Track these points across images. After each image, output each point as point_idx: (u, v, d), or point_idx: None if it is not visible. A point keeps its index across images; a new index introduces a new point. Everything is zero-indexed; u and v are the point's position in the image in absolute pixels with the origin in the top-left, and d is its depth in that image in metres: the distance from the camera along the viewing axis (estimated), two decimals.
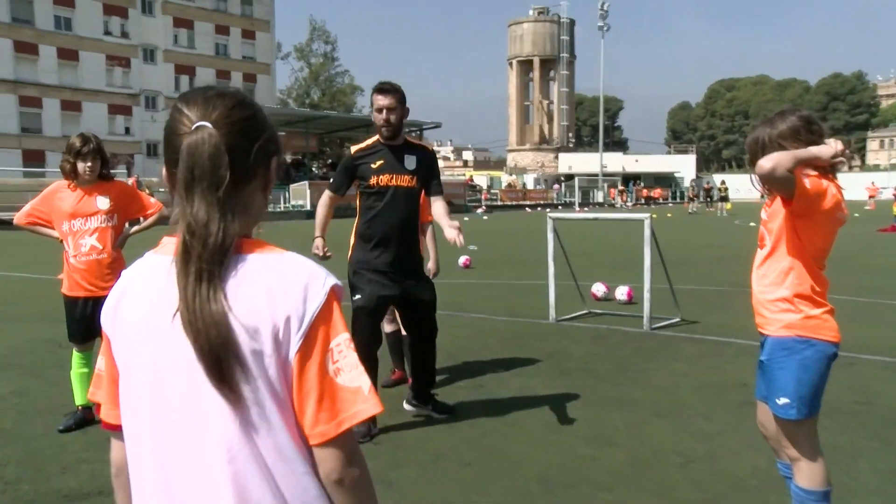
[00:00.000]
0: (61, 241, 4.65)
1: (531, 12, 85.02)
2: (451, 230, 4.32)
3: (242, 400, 1.18)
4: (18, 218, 4.72)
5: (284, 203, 39.82)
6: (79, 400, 4.76)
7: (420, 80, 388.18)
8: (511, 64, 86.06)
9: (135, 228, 4.97)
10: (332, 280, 1.23)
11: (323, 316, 1.20)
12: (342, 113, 57.25)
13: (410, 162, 4.65)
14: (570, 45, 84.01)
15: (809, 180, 2.71)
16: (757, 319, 2.97)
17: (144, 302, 1.25)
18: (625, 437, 4.57)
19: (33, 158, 45.45)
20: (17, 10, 48.26)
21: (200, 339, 1.16)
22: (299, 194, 38.83)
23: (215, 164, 1.19)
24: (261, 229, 1.32)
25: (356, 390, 1.20)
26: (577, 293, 9.23)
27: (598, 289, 10.03)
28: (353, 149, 4.72)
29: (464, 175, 72.46)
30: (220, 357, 1.15)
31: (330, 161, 48.72)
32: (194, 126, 1.21)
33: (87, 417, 4.71)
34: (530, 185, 68.21)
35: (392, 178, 4.60)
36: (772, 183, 2.70)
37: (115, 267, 4.63)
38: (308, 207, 36.01)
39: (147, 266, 1.29)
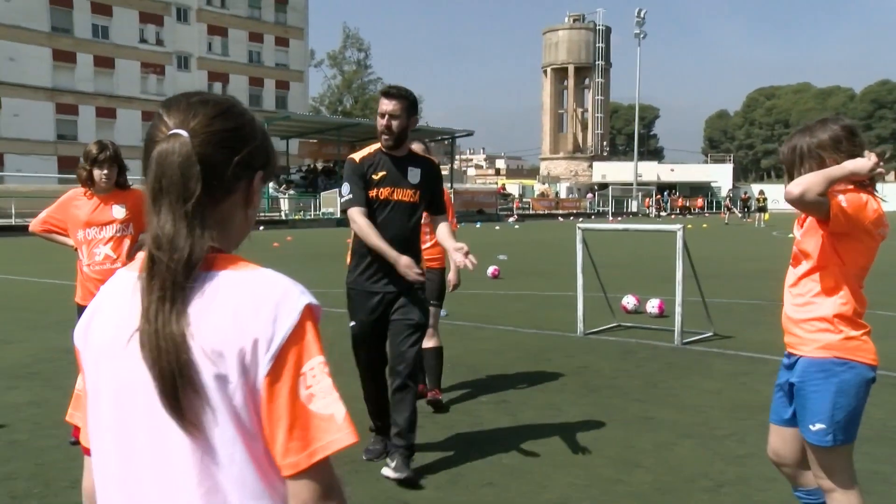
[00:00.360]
0: (76, 249, 4.58)
1: (566, 20, 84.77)
2: (457, 254, 3.95)
3: (202, 430, 1.09)
4: (33, 225, 4.67)
5: (315, 211, 39.99)
6: None
7: (453, 88, 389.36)
8: (545, 72, 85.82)
9: None
10: (306, 298, 1.13)
11: (295, 338, 1.10)
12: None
13: (414, 175, 4.26)
14: (605, 52, 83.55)
15: (846, 197, 2.53)
16: (787, 339, 2.78)
17: (112, 321, 1.18)
18: (652, 460, 4.37)
19: (69, 165, 46.21)
20: (56, 20, 49.25)
21: (158, 362, 1.08)
22: (329, 202, 38.96)
23: (184, 175, 1.12)
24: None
25: (329, 418, 1.09)
26: (606, 306, 9.01)
27: (629, 301, 9.80)
28: (358, 156, 4.32)
29: (496, 183, 72.28)
30: (176, 383, 1.07)
31: None
32: (169, 133, 1.15)
33: None
34: (563, 194, 67.84)
35: (393, 191, 4.21)
36: (803, 207, 2.54)
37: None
38: (339, 215, 36.11)
39: (118, 282, 1.22)
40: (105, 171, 4.45)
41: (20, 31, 47.17)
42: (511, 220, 46.25)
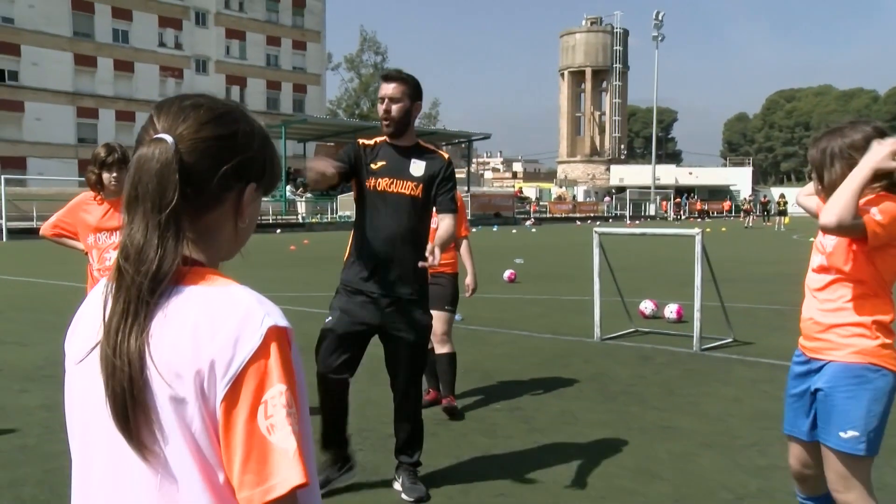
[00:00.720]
0: (86, 253, 4.54)
1: (584, 23, 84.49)
2: (430, 248, 3.57)
3: (155, 456, 1.03)
4: (44, 229, 4.63)
5: (332, 214, 40.07)
6: None
7: (470, 91, 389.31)
8: (562, 75, 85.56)
9: None
10: (271, 320, 1.04)
11: (256, 362, 1.01)
12: None
13: (417, 168, 3.85)
14: (623, 55, 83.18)
15: (879, 209, 2.44)
16: (810, 344, 2.68)
17: (84, 331, 1.13)
18: (670, 470, 4.26)
19: None
20: (78, 25, 49.74)
21: (112, 380, 1.02)
22: (346, 205, 39.00)
23: (161, 183, 1.06)
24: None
25: (284, 452, 1.00)
26: (623, 310, 8.88)
27: (646, 306, 9.66)
28: (361, 140, 3.96)
29: (513, 187, 72.08)
30: (127, 403, 1.02)
31: None
32: (153, 138, 1.09)
33: None
34: (580, 198, 67.50)
35: (392, 182, 3.80)
36: (843, 234, 2.48)
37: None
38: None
39: (98, 290, 1.15)
40: (114, 175, 4.40)
41: (43, 36, 47.73)
42: (528, 223, 46.08)
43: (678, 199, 62.23)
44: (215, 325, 1.02)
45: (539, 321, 9.39)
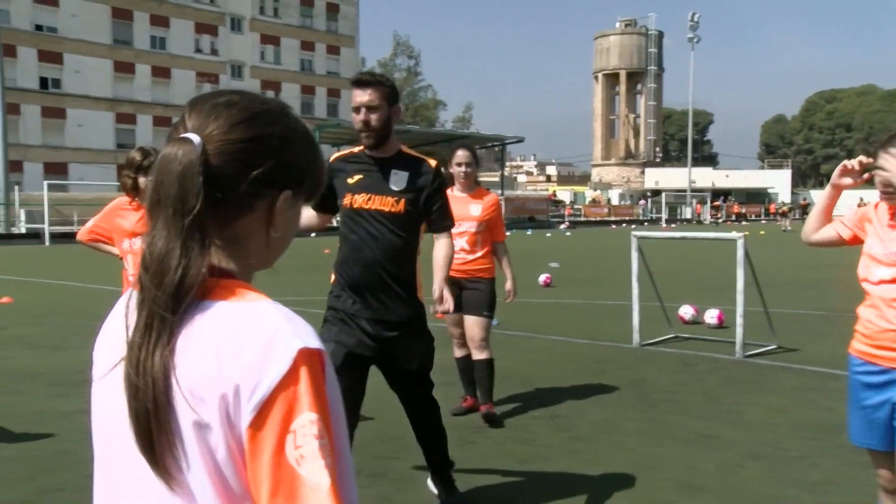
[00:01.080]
0: (121, 258, 4.53)
1: (618, 25, 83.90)
2: (436, 290, 3.41)
3: (179, 483, 0.95)
4: (80, 234, 4.64)
5: None
6: None
7: (503, 94, 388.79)
8: (596, 77, 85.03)
9: None
10: (300, 342, 0.94)
11: (284, 387, 0.92)
12: (425, 127, 57.59)
13: (398, 180, 3.44)
14: (657, 57, 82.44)
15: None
16: (893, 355, 2.55)
17: (108, 342, 1.07)
18: (715, 482, 4.11)
19: None
20: (118, 32, 50.64)
21: (135, 399, 0.95)
22: None
23: (183, 187, 0.97)
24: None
25: (317, 487, 0.91)
26: (662, 315, 8.71)
27: (686, 311, 9.46)
28: (334, 155, 3.64)
29: (546, 190, 71.75)
30: (150, 426, 0.94)
31: None
32: (178, 137, 1.01)
33: None
34: (615, 201, 66.97)
35: (369, 199, 3.42)
36: (817, 246, 2.87)
37: None
38: None
39: (122, 301, 1.07)
40: (150, 178, 4.39)
41: (85, 44, 48.69)
42: (562, 227, 45.79)
43: (717, 202, 61.36)
44: (240, 345, 0.93)
45: (576, 326, 9.25)
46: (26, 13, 46.37)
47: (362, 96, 3.37)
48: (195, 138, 0.99)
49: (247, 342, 0.93)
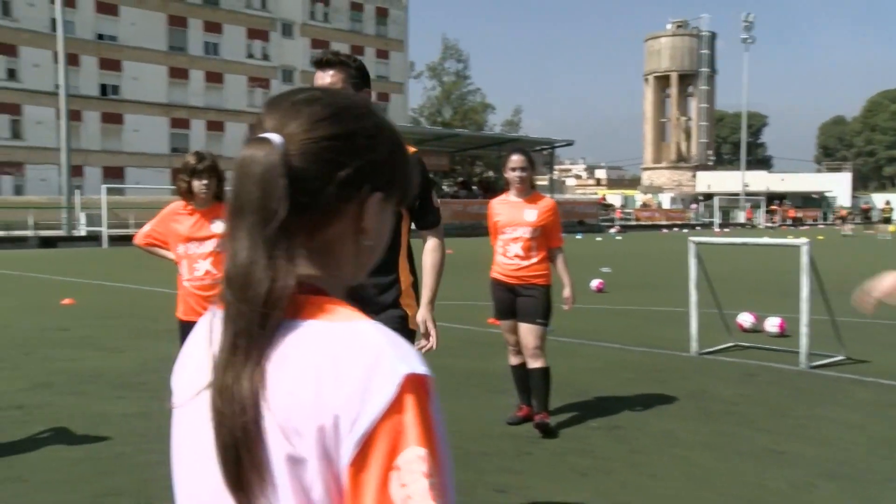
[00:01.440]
0: (177, 263, 4.54)
1: (669, 26, 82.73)
2: (421, 314, 3.13)
3: None
4: (137, 238, 4.66)
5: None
6: None
7: (553, 97, 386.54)
8: (647, 80, 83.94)
9: None
10: (406, 367, 0.84)
11: (389, 418, 0.82)
12: (473, 131, 57.46)
13: None
14: (710, 59, 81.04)
15: None
16: None
17: (192, 364, 0.98)
18: (789, 502, 3.93)
19: None
20: (173, 39, 51.78)
21: (222, 428, 0.85)
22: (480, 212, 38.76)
23: (265, 191, 0.88)
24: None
25: None
26: (720, 323, 8.46)
27: (745, 319, 9.18)
28: None
29: (595, 194, 71.05)
30: (240, 457, 0.84)
31: (461, 179, 48.98)
32: (257, 137, 0.92)
33: None
34: (666, 205, 65.97)
35: None
36: None
37: None
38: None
39: (204, 321, 0.99)
40: (204, 182, 4.38)
41: (142, 51, 49.93)
42: (612, 230, 45.25)
43: (773, 206, 59.95)
44: (340, 371, 0.84)
45: (631, 333, 9.06)
46: (89, 23, 47.69)
47: (323, 78, 3.03)
48: (275, 138, 0.90)
49: (347, 368, 0.84)
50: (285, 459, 0.84)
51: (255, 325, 0.86)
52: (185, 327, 4.49)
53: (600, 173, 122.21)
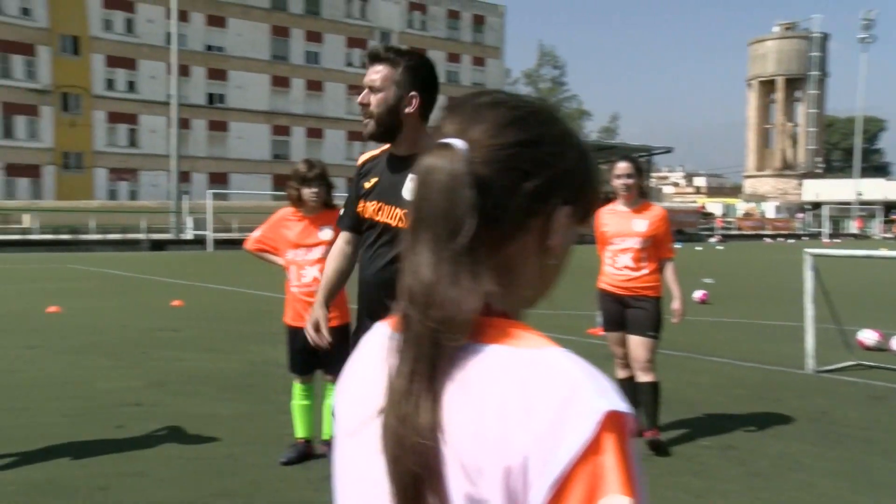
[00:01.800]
0: (285, 268, 4.60)
1: (776, 29, 79.66)
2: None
3: None
4: (248, 244, 4.75)
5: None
6: (299, 433, 4.66)
7: (650, 103, 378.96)
8: (750, 84, 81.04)
9: None
10: (605, 403, 0.74)
11: (587, 461, 0.72)
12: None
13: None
14: (820, 61, 77.49)
15: None
16: None
17: (359, 390, 0.90)
18: None
19: (282, 183, 49.64)
20: (276, 49, 53.50)
21: (398, 462, 0.78)
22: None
23: (450, 202, 0.80)
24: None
25: None
26: (837, 340, 7.99)
27: (868, 336, 8.63)
28: (362, 158, 3.01)
29: (694, 202, 69.07)
30: (420, 494, 0.77)
31: None
32: (438, 143, 0.84)
33: (308, 451, 4.61)
34: (770, 214, 63.43)
35: (380, 208, 2.80)
36: None
37: (336, 301, 4.50)
38: None
39: (375, 338, 0.92)
40: (314, 190, 4.43)
41: (247, 61, 51.85)
42: (713, 240, 43.83)
43: (893, 217, 56.66)
44: (530, 405, 0.75)
45: (740, 347, 8.66)
46: (200, 34, 49.87)
47: (369, 74, 2.75)
48: (459, 144, 0.83)
49: (538, 401, 0.75)
50: (464, 499, 0.76)
51: (441, 351, 0.78)
52: (293, 332, 4.55)
53: (699, 181, 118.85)
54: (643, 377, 5.05)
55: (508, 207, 0.83)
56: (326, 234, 4.47)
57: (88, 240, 30.12)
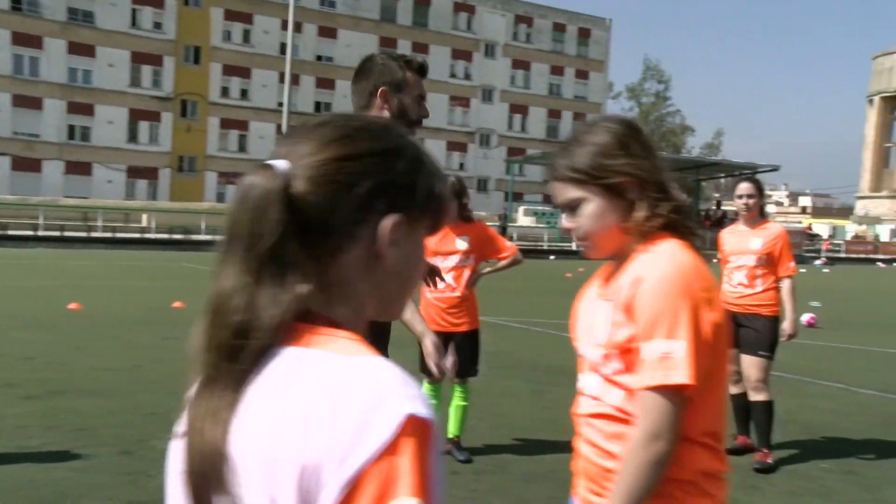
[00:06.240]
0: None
1: None
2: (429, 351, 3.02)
3: None
4: None
5: None
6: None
7: (756, 120, 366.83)
8: (871, 101, 77.31)
9: (487, 269, 5.11)
10: (409, 407, 0.75)
11: (382, 461, 0.72)
12: (671, 154, 55.87)
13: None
14: None
15: None
16: None
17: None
18: None
19: None
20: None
21: (192, 471, 0.81)
22: None
23: (255, 217, 0.83)
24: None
25: None
26: None
27: None
28: None
29: (800, 222, 66.46)
30: (206, 497, 0.80)
31: None
32: (260, 165, 0.87)
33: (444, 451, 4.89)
34: (885, 237, 60.31)
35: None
36: None
37: (466, 306, 4.82)
38: None
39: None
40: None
41: (353, 71, 53.30)
42: (818, 262, 42.07)
43: None
44: (336, 407, 0.75)
45: (859, 374, 8.44)
46: (311, 45, 51.76)
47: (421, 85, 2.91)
48: (279, 164, 0.86)
49: (344, 404, 0.75)
50: (262, 498, 0.77)
51: (236, 359, 0.81)
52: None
53: (804, 200, 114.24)
54: (755, 396, 5.09)
55: (332, 219, 0.85)
56: (462, 243, 4.75)
57: (199, 240, 31.60)
